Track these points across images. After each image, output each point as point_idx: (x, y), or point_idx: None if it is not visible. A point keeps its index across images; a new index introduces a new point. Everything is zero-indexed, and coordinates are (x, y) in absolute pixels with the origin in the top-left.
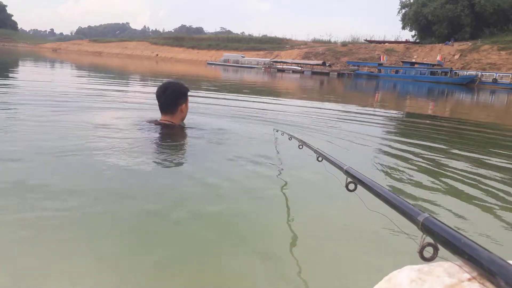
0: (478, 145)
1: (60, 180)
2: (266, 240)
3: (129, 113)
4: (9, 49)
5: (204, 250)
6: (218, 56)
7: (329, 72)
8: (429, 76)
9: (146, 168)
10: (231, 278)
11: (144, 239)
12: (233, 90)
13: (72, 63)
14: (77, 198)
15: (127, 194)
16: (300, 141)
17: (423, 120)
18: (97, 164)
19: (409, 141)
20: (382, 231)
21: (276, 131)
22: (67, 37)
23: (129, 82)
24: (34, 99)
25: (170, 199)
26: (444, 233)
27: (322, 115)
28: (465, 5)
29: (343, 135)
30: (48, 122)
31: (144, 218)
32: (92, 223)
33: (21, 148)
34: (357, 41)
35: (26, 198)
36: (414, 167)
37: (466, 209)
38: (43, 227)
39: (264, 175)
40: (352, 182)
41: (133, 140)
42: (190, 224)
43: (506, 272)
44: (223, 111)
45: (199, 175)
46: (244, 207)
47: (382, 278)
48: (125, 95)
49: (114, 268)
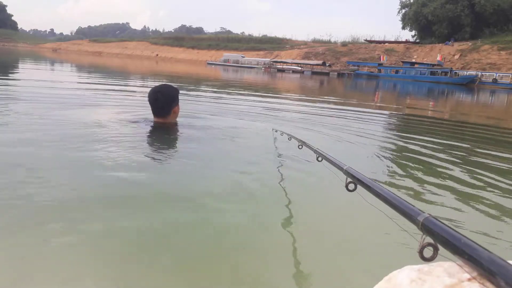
0: (478, 145)
1: (56, 176)
2: (265, 240)
3: (127, 110)
4: (9, 49)
5: (203, 250)
6: (218, 56)
7: (329, 72)
8: (429, 76)
9: (143, 167)
10: (230, 278)
11: (144, 238)
12: (233, 89)
13: (72, 63)
14: (78, 197)
15: (124, 194)
16: (300, 141)
17: (423, 120)
18: (93, 164)
19: (409, 141)
20: (382, 231)
21: (275, 131)
22: (67, 37)
23: (129, 81)
24: (32, 98)
25: (169, 199)
26: (444, 233)
27: (322, 115)
28: (465, 5)
29: (343, 134)
30: (44, 119)
31: (143, 217)
32: (91, 221)
33: (19, 145)
34: (357, 41)
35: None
36: (414, 166)
37: (466, 209)
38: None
39: (264, 175)
40: (352, 182)
41: (130, 139)
42: (188, 225)
43: (506, 272)
44: (223, 110)
45: (198, 175)
46: (243, 208)
47: (382, 278)
48: (124, 93)
49: (112, 270)
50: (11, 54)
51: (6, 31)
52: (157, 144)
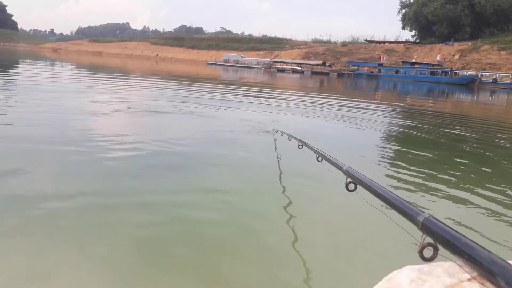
0: (478, 145)
1: (56, 170)
2: (266, 240)
3: (125, 108)
4: (9, 49)
5: (204, 249)
6: (218, 56)
7: (329, 72)
8: (429, 76)
9: (143, 165)
10: (231, 278)
11: (143, 239)
12: (232, 89)
13: (72, 63)
14: (78, 195)
15: (120, 193)
16: (300, 141)
17: (423, 120)
18: (93, 158)
19: (409, 140)
20: (382, 231)
21: (275, 131)
22: (67, 37)
23: (128, 80)
24: (31, 96)
25: (169, 198)
26: (444, 233)
27: (321, 115)
28: (465, 5)
29: (343, 134)
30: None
31: (143, 214)
32: (91, 220)
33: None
34: (357, 41)
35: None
36: (414, 167)
37: (466, 209)
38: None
39: (264, 175)
40: (352, 182)
41: (128, 138)
42: (188, 224)
43: (506, 272)
44: (223, 110)
45: (198, 175)
46: (244, 207)
47: (382, 278)
48: (123, 93)
49: (113, 269)
50: (11, 55)
51: (6, 31)
52: (155, 137)
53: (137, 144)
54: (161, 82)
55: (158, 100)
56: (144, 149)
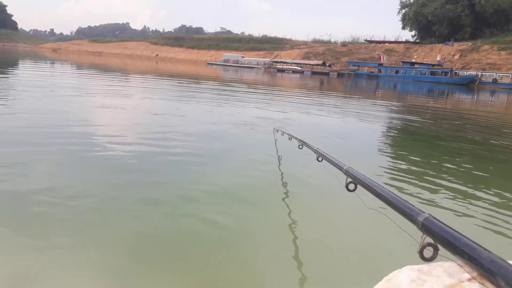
0: (478, 144)
1: (59, 168)
2: (266, 240)
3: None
4: (9, 49)
5: (203, 249)
6: (218, 56)
7: (329, 72)
8: (429, 76)
9: (144, 163)
10: (231, 278)
11: (142, 238)
12: (232, 88)
13: (72, 62)
14: (80, 193)
15: (123, 192)
16: (300, 141)
17: (423, 120)
18: (94, 155)
19: (409, 140)
20: (382, 231)
21: (276, 131)
22: (67, 37)
23: (128, 80)
24: (30, 96)
25: (170, 196)
26: (444, 233)
27: (321, 114)
28: (465, 5)
29: (343, 134)
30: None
31: (143, 214)
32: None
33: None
34: (357, 41)
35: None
36: (414, 167)
37: (466, 209)
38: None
39: (264, 175)
40: (352, 182)
41: (129, 137)
42: (189, 223)
43: (506, 272)
44: (223, 110)
45: (198, 175)
46: (243, 207)
47: (382, 278)
48: (123, 92)
49: (113, 269)
50: (12, 54)
51: (6, 31)
52: (154, 136)
53: (136, 145)
54: (161, 82)
55: (158, 100)
56: (142, 149)
